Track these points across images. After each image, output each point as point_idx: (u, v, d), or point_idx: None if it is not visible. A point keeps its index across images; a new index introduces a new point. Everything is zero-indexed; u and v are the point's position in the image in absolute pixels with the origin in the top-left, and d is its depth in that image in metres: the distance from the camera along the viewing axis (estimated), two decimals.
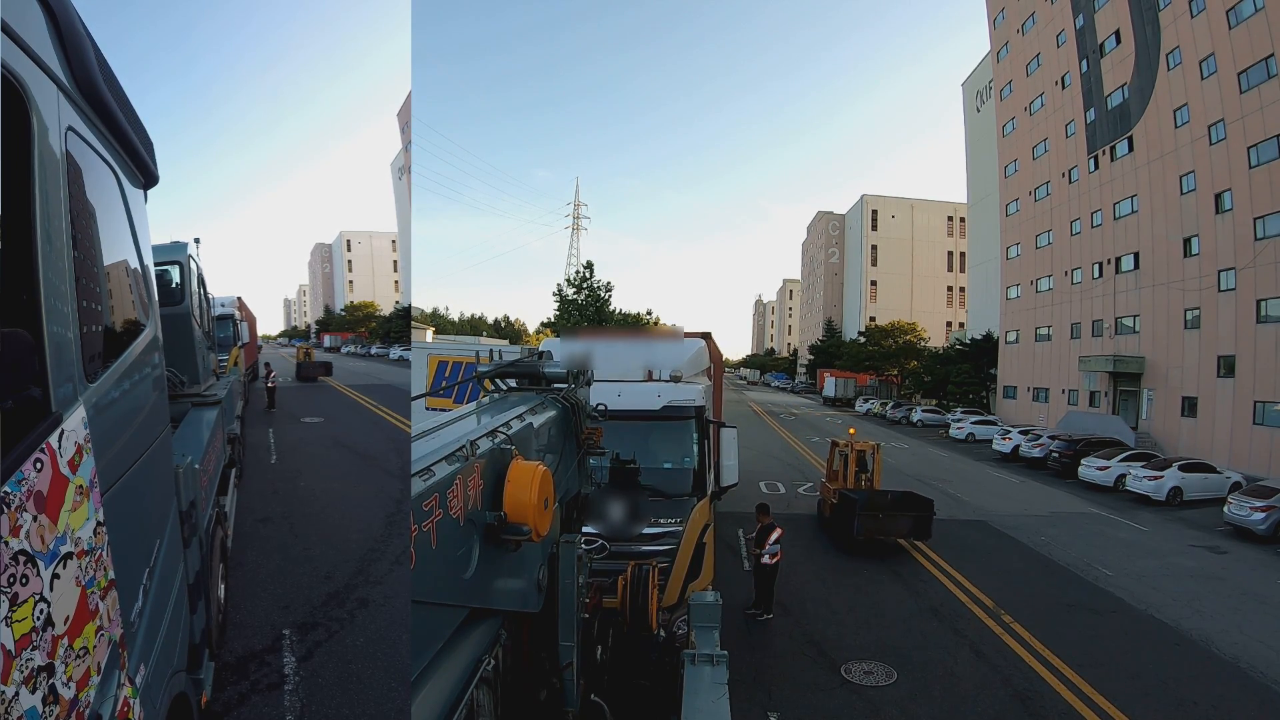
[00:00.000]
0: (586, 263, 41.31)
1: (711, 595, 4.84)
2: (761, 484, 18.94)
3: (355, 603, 7.65)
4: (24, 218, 1.87)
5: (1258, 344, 24.27)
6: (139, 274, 3.48)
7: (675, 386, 8.31)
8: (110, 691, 2.22)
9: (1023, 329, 41.19)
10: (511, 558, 2.83)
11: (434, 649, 2.32)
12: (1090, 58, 34.89)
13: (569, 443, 4.15)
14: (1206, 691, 7.88)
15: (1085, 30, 35.25)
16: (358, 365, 53.95)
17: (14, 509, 1.63)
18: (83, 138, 2.51)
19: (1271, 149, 23.85)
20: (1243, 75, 24.97)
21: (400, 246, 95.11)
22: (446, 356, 13.86)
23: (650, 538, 7.25)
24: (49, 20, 2.17)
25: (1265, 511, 15.60)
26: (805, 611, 9.70)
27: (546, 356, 4.52)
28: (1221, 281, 26.03)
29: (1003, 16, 43.72)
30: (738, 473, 8.76)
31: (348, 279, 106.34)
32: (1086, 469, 22.47)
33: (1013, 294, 42.49)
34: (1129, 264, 31.79)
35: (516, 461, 2.74)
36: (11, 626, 1.58)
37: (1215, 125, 26.35)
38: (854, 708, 7.20)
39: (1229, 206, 25.73)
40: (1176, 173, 28.60)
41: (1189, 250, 27.87)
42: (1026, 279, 40.87)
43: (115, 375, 2.71)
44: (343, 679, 6.09)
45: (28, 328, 1.84)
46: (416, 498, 2.05)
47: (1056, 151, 38.17)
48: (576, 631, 3.40)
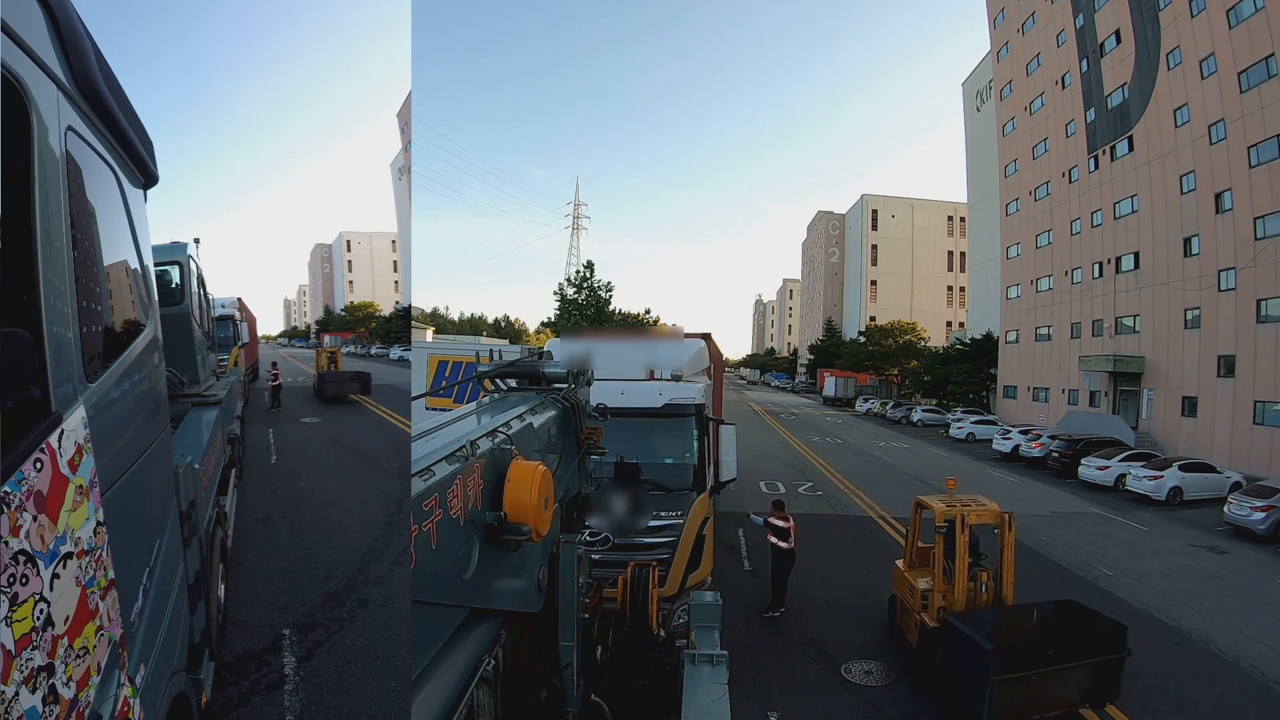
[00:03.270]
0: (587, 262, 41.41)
1: (711, 595, 4.84)
2: (762, 484, 18.93)
3: (355, 603, 7.66)
4: (24, 218, 1.87)
5: (1258, 344, 24.27)
6: (139, 274, 3.48)
7: (676, 385, 8.46)
8: (110, 691, 2.22)
9: (1023, 329, 41.18)
10: (511, 558, 2.83)
11: (434, 649, 2.32)
12: (1090, 57, 34.88)
13: (569, 443, 4.16)
14: (1207, 691, 7.87)
15: (1085, 30, 35.24)
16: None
17: (14, 509, 1.63)
18: (83, 138, 2.51)
19: (1271, 149, 23.85)
20: (1243, 75, 24.96)
21: (400, 246, 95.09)
22: (446, 356, 13.86)
23: (652, 530, 7.39)
24: (49, 20, 2.17)
25: (1265, 511, 15.59)
26: (805, 611, 9.70)
27: (547, 356, 4.53)
28: (1221, 281, 26.02)
29: (1003, 16, 43.71)
30: (736, 468, 8.88)
31: (348, 279, 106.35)
32: (1086, 469, 22.45)
33: (1013, 294, 42.49)
34: (1129, 264, 31.78)
35: (516, 461, 2.74)
36: (11, 626, 1.58)
37: (1215, 125, 26.34)
38: (854, 708, 7.19)
39: (1229, 206, 25.73)
40: (1176, 172, 28.60)
41: (1189, 250, 27.86)
42: (1026, 279, 40.87)
43: (115, 375, 2.71)
44: (343, 679, 6.08)
45: (28, 328, 1.84)
46: (416, 498, 2.05)
47: (1056, 151, 38.16)
48: (576, 631, 3.40)
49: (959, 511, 7.72)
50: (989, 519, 7.80)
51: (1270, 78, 23.85)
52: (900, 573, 8.92)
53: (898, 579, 9.03)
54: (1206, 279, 26.75)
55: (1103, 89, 33.80)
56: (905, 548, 9.19)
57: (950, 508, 7.85)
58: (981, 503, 8.15)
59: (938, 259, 73.50)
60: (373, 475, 14.06)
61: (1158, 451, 24.96)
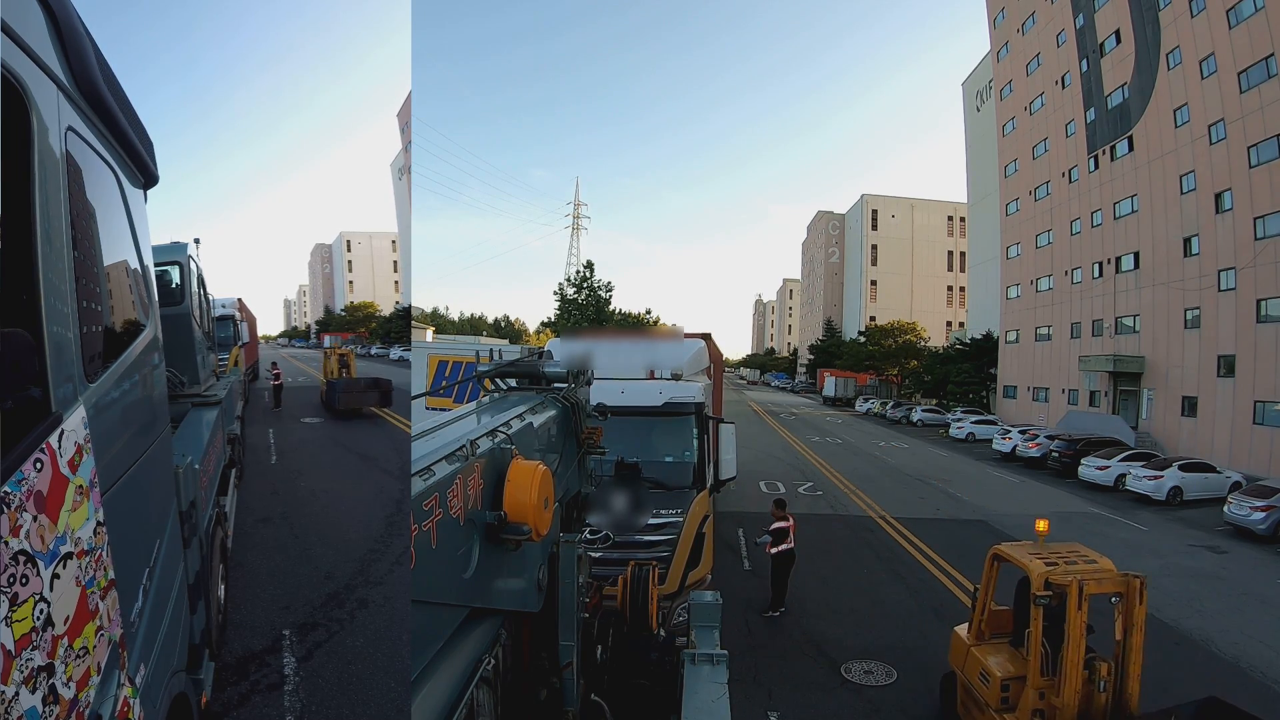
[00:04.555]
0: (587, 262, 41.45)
1: (711, 595, 4.84)
2: (762, 484, 18.94)
3: (355, 603, 7.66)
4: (24, 218, 1.87)
5: (1258, 344, 24.27)
6: (139, 274, 3.48)
7: (676, 384, 8.50)
8: (110, 691, 2.22)
9: (1023, 328, 41.19)
10: (511, 557, 2.83)
11: (434, 649, 2.32)
12: (1090, 57, 34.88)
13: (569, 442, 4.15)
14: (1207, 691, 7.86)
15: (1085, 30, 35.24)
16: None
17: (14, 509, 1.63)
18: (83, 138, 2.51)
19: (1271, 149, 23.85)
20: (1243, 75, 24.96)
21: (400, 246, 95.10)
22: (446, 356, 13.86)
23: (652, 528, 7.41)
24: (49, 20, 2.17)
25: (1265, 511, 15.59)
26: (805, 611, 9.70)
27: (547, 356, 4.53)
28: (1221, 281, 26.02)
29: (1003, 16, 43.71)
30: (735, 467, 8.91)
31: (348, 279, 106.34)
32: (1086, 469, 22.46)
33: (1013, 294, 42.49)
34: (1129, 264, 31.78)
35: (516, 461, 2.74)
36: (11, 626, 1.58)
37: (1215, 125, 26.35)
38: (854, 708, 7.20)
39: (1229, 206, 25.73)
40: (1176, 172, 28.60)
41: (1189, 250, 27.86)
42: (1026, 279, 40.87)
43: (115, 375, 2.71)
44: (343, 679, 6.09)
45: (28, 328, 1.84)
46: (416, 497, 2.05)
47: (1056, 151, 38.16)
48: (576, 631, 3.40)
49: (1074, 578, 5.40)
50: (1110, 587, 5.59)
51: (1270, 78, 23.85)
52: (963, 643, 6.56)
53: (958, 652, 6.62)
54: (1206, 279, 26.75)
55: (1103, 89, 33.80)
56: (973, 613, 6.65)
57: (1052, 567, 5.68)
58: (1087, 557, 6.04)
59: (938, 259, 73.50)
60: (373, 475, 14.06)
61: (1158, 451, 24.97)
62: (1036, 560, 5.87)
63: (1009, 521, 16.28)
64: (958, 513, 17.02)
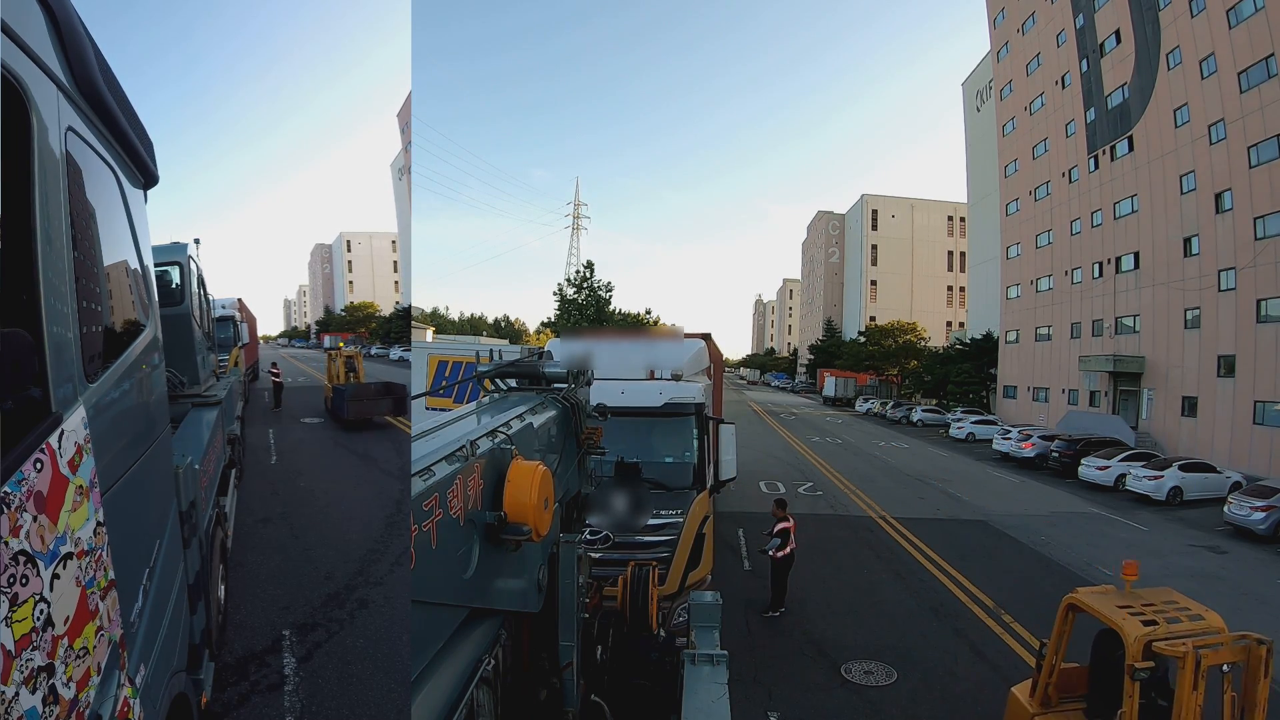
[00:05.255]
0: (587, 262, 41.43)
1: (711, 595, 4.83)
2: (762, 484, 18.94)
3: (355, 603, 7.65)
4: (24, 218, 1.87)
5: (1258, 344, 24.27)
6: (139, 274, 3.48)
7: (676, 385, 8.49)
8: (110, 692, 2.22)
9: (1023, 329, 41.19)
10: (511, 558, 2.83)
11: (434, 649, 2.32)
12: (1090, 57, 34.89)
13: (569, 442, 4.15)
14: None
15: (1085, 30, 35.25)
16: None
17: (14, 509, 1.63)
18: (83, 138, 2.51)
19: (1271, 149, 23.85)
20: (1243, 75, 24.96)
21: (400, 247, 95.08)
22: (446, 356, 13.87)
23: (652, 529, 7.41)
24: (49, 20, 2.17)
25: (1265, 511, 15.59)
26: (805, 611, 9.70)
27: (547, 356, 4.53)
28: (1221, 281, 26.02)
29: (1003, 16, 43.72)
30: (736, 467, 8.92)
31: (348, 279, 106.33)
32: (1086, 469, 22.46)
33: (1013, 294, 42.50)
34: (1129, 264, 31.79)
35: (516, 461, 2.74)
36: (11, 627, 1.58)
37: (1215, 125, 26.35)
38: (854, 708, 7.19)
39: (1229, 206, 25.73)
40: (1176, 172, 28.60)
41: (1189, 250, 27.87)
42: (1026, 279, 40.88)
43: (115, 375, 2.71)
44: (343, 679, 6.09)
45: (28, 328, 1.84)
46: (416, 498, 2.05)
47: (1056, 151, 38.17)
48: (576, 631, 3.40)
49: (1188, 646, 4.17)
50: (1228, 656, 4.27)
51: (1270, 78, 23.85)
52: (1024, 711, 5.26)
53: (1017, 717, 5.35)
54: (1206, 279, 26.75)
55: (1103, 89, 33.80)
56: (1038, 673, 5.28)
57: (1152, 627, 4.43)
58: (1189, 610, 4.74)
59: (938, 259, 73.50)
60: (373, 475, 14.06)
61: (1158, 451, 24.97)
62: (1130, 619, 4.53)
63: (1009, 521, 16.29)
64: (958, 513, 17.02)
